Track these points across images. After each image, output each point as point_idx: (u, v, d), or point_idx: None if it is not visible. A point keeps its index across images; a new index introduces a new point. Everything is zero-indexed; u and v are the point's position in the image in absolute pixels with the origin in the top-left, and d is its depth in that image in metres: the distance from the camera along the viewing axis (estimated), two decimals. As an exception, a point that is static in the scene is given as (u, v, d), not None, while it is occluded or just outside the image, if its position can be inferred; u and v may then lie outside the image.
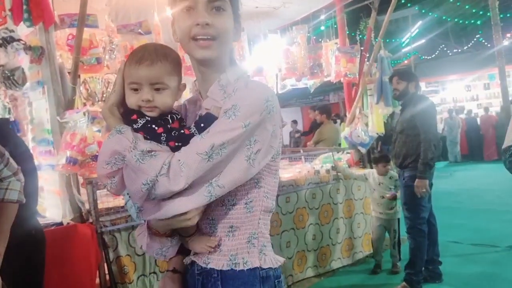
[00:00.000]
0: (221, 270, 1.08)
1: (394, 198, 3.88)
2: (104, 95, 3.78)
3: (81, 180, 2.96)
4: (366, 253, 4.37)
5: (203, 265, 1.10)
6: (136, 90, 1.06)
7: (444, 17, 14.66)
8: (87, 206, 2.87)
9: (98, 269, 2.81)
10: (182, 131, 1.03)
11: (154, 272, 2.98)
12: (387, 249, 4.15)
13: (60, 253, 2.63)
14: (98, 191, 2.85)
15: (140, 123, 1.04)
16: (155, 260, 2.95)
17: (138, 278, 2.91)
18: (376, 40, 4.64)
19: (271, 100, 1.03)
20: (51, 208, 3.03)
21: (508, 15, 12.84)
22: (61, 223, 2.83)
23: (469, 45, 16.63)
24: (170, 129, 1.04)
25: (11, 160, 1.56)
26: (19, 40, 2.66)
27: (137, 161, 0.96)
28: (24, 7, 2.58)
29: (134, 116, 1.05)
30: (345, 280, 3.86)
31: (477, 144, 12.29)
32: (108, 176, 1.02)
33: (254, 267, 1.08)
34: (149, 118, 1.04)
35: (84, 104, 2.96)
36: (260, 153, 1.02)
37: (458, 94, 15.19)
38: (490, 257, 4.06)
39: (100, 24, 3.16)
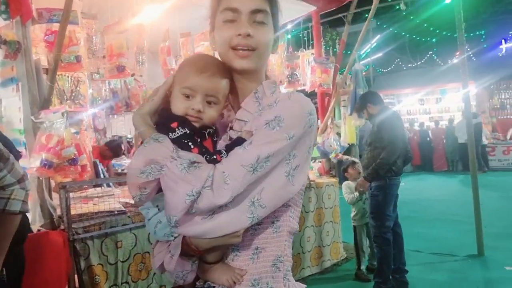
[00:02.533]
0: None
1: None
2: (73, 94, 3.61)
3: (52, 184, 2.80)
4: (334, 261, 4.49)
5: None
6: (187, 97, 1.03)
7: (403, 33, 15.40)
8: (58, 211, 2.72)
9: (68, 279, 2.67)
10: (215, 156, 1.00)
11: (127, 282, 2.87)
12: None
13: (29, 262, 2.47)
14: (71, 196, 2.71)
15: (178, 133, 1.00)
16: (128, 270, 2.86)
17: (110, 288, 2.80)
18: (335, 50, 4.77)
19: (313, 114, 1.01)
20: (20, 212, 2.84)
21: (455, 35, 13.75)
22: (30, 229, 2.65)
23: (422, 61, 17.60)
24: (205, 151, 1.00)
25: (17, 165, 1.43)
26: (-7, 33, 2.48)
27: (182, 170, 0.91)
28: (2, -1, 2.41)
29: (175, 124, 1.01)
30: (316, 288, 3.94)
31: (428, 156, 13.01)
32: (140, 186, 0.96)
33: None
34: (188, 131, 1.01)
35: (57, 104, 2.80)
36: (299, 169, 0.99)
37: (412, 107, 16.03)
38: (450, 265, 4.30)
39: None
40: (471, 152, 4.64)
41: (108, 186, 4.47)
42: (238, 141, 1.01)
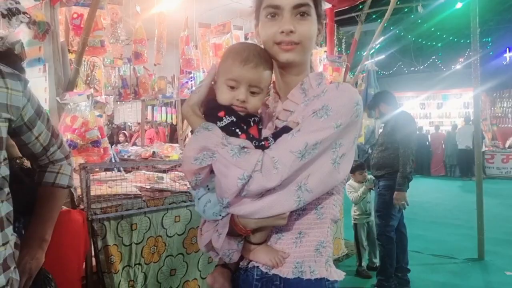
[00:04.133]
0: (285, 277, 1.06)
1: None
2: (89, 78, 3.65)
3: (73, 164, 2.85)
4: (335, 257, 4.54)
5: (265, 270, 1.08)
6: (232, 87, 1.08)
7: (408, 36, 15.43)
8: (79, 192, 2.78)
9: (85, 257, 2.73)
10: (262, 142, 1.05)
11: (139, 264, 2.93)
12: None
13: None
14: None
15: (225, 122, 1.05)
16: (141, 252, 2.92)
17: (123, 268, 2.85)
18: (339, 50, 4.81)
19: (360, 104, 1.04)
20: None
21: (465, 41, 13.81)
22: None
23: (425, 65, 17.65)
24: (252, 138, 1.05)
25: (64, 142, 1.48)
26: (24, 13, 2.51)
27: (234, 156, 0.96)
28: (34, -21, 2.44)
29: (222, 113, 1.06)
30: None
31: (426, 160, 13.11)
32: (195, 172, 1.01)
33: (321, 277, 1.06)
34: (234, 119, 1.06)
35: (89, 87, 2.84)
36: (345, 158, 1.01)
37: (413, 111, 16.10)
38: (450, 268, 4.39)
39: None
40: (477, 158, 4.71)
41: (119, 171, 4.53)
42: (285, 129, 1.05)
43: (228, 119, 1.05)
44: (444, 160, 12.85)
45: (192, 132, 1.09)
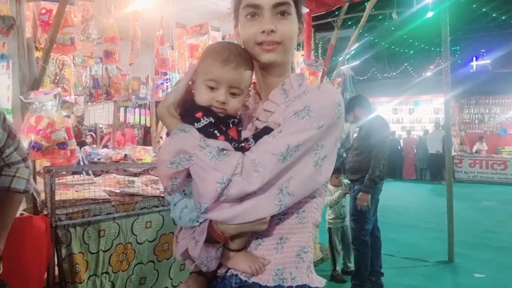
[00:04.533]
0: (265, 285, 1.02)
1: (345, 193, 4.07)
2: (58, 77, 3.50)
3: (38, 167, 2.71)
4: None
5: (244, 278, 1.04)
6: (212, 88, 1.04)
7: (382, 43, 15.78)
8: (42, 196, 2.63)
9: (48, 266, 2.59)
10: (243, 144, 1.02)
11: (107, 272, 2.81)
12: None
13: (9, 246, 2.38)
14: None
15: (203, 123, 1.01)
16: (109, 260, 2.80)
17: (89, 277, 2.73)
18: (316, 55, 4.86)
19: (341, 105, 1.02)
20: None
21: (436, 49, 14.23)
22: (12, 213, 2.55)
23: (398, 71, 18.10)
24: (231, 139, 1.02)
25: (22, 143, 1.38)
26: (-14, 6, 2.37)
27: (212, 158, 0.93)
28: (0, -28, 2.31)
29: (200, 114, 1.02)
30: None
31: (398, 164, 13.39)
32: (171, 176, 0.98)
33: (302, 284, 1.04)
34: (213, 121, 1.02)
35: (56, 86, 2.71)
36: (327, 160, 1.00)
37: (385, 116, 16.44)
38: (422, 270, 4.46)
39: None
40: (447, 163, 4.82)
41: (88, 174, 4.36)
42: (266, 130, 1.03)
43: (206, 120, 1.02)
44: (415, 164, 13.17)
45: (168, 134, 1.02)
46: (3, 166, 1.34)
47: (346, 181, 4.14)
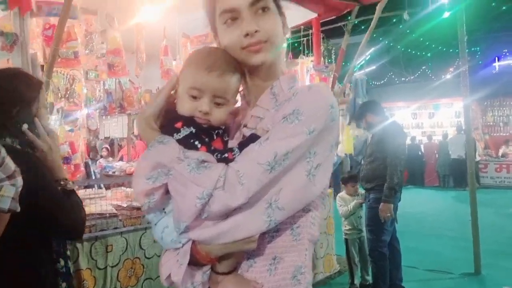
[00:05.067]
0: None
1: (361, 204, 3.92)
2: (68, 92, 3.52)
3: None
4: (327, 274, 4.39)
5: None
6: (195, 97, 0.96)
7: (398, 46, 15.53)
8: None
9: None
10: (226, 155, 0.93)
11: (115, 288, 2.76)
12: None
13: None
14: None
15: (183, 133, 0.93)
16: (117, 275, 2.75)
17: (97, 294, 2.68)
18: (329, 61, 4.77)
19: (335, 107, 0.93)
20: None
21: (455, 50, 13.91)
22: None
23: (416, 75, 17.74)
24: (213, 150, 0.94)
25: (8, 159, 1.31)
26: (-10, 23, 2.39)
27: (191, 171, 0.85)
28: (1, -11, 2.32)
29: (179, 124, 0.94)
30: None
31: (419, 170, 13.01)
32: (148, 193, 0.90)
33: None
34: (194, 131, 0.94)
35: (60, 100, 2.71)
36: (321, 168, 0.90)
37: (404, 121, 16.12)
38: (447, 283, 4.23)
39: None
40: (469, 168, 4.61)
41: (100, 187, 4.36)
42: (252, 138, 0.94)
43: (187, 131, 0.94)
44: (437, 170, 12.77)
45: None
46: None
47: (361, 191, 3.99)
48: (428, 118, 15.56)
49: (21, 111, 1.44)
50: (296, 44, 5.26)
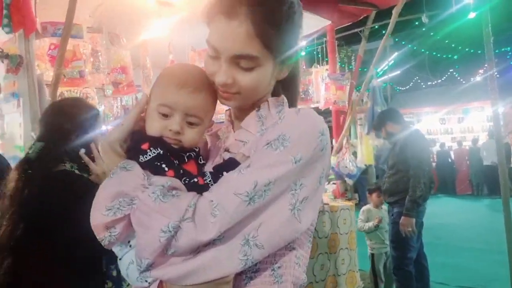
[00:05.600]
0: None
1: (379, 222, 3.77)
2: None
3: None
4: (350, 291, 4.18)
5: None
6: (165, 115, 0.87)
7: (422, 50, 15.12)
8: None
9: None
10: (196, 179, 0.83)
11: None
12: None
13: None
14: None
15: (149, 155, 0.84)
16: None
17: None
18: (350, 67, 4.62)
19: (325, 135, 0.84)
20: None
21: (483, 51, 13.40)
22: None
23: (443, 79, 17.18)
24: (182, 174, 0.84)
25: None
26: (-5, 47, 2.41)
27: (156, 200, 0.75)
28: (5, 12, 2.33)
29: (146, 145, 0.85)
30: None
31: (450, 178, 12.46)
32: (108, 226, 0.80)
33: None
34: (161, 152, 0.85)
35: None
36: (308, 202, 0.80)
37: (432, 127, 15.58)
38: (481, 302, 3.95)
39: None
40: (502, 174, 4.30)
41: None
42: (230, 163, 0.85)
43: (154, 152, 0.84)
44: (470, 177, 12.18)
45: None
46: None
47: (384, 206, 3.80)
48: (458, 123, 14.97)
49: (79, 136, 1.60)
50: (310, 53, 5.14)
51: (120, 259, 0.89)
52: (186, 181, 0.83)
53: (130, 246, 0.86)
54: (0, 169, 2.16)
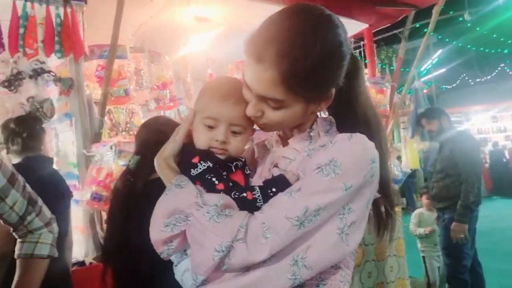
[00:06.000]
0: None
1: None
2: (128, 125, 3.70)
3: (104, 216, 2.82)
4: (400, 299, 4.04)
5: None
6: (210, 127, 0.93)
7: (468, 46, 14.43)
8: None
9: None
10: (245, 194, 0.87)
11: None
12: None
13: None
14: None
15: (200, 169, 0.89)
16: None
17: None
18: (391, 68, 4.48)
19: (376, 162, 0.86)
20: (74, 245, 2.90)
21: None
22: (83, 262, 2.68)
23: (493, 75, 16.27)
24: (231, 187, 0.88)
25: (44, 208, 1.42)
26: (49, 71, 2.60)
27: (210, 219, 0.80)
28: (56, 38, 2.52)
29: (196, 159, 0.90)
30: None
31: (506, 178, 11.71)
32: (166, 241, 0.86)
33: None
34: (211, 165, 0.90)
35: (112, 136, 2.85)
36: (355, 227, 0.82)
37: (484, 125, 14.77)
38: (544, 312, 3.68)
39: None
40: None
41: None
42: (279, 180, 0.88)
43: (204, 166, 0.90)
44: (528, 177, 11.40)
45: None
46: (26, 233, 1.37)
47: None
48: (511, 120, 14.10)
49: None
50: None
51: (175, 266, 0.95)
52: (236, 195, 0.87)
53: (186, 254, 0.92)
54: (66, 189, 2.30)
